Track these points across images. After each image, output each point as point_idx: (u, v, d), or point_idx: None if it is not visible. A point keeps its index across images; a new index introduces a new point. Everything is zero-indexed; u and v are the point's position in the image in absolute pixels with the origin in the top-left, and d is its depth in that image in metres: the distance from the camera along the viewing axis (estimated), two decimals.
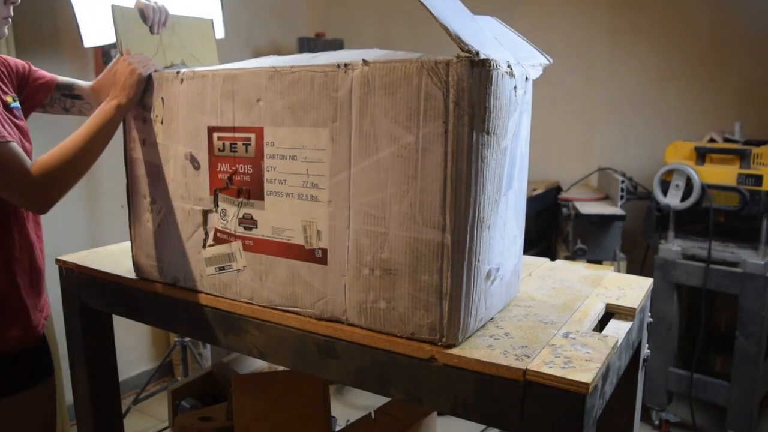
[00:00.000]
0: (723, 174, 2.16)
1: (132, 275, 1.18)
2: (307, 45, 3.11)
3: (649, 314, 1.13)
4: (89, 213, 2.52)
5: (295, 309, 0.96)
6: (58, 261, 1.29)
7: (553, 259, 1.26)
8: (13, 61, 1.29)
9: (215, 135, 1.01)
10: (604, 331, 0.93)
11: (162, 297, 1.12)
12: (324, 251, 0.91)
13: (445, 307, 0.81)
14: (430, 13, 0.74)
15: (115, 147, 1.17)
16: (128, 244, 1.20)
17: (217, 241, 1.03)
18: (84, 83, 1.36)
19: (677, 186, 2.24)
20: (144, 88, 1.10)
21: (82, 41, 1.96)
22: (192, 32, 1.33)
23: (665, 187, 2.28)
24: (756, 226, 2.16)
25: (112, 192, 2.54)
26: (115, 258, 1.29)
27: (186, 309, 1.09)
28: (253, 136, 0.96)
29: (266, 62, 0.98)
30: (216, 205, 1.03)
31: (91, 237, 2.51)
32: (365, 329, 0.89)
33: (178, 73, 1.04)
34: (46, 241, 1.31)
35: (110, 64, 1.24)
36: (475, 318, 0.86)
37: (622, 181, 2.42)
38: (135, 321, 1.22)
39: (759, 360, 2.15)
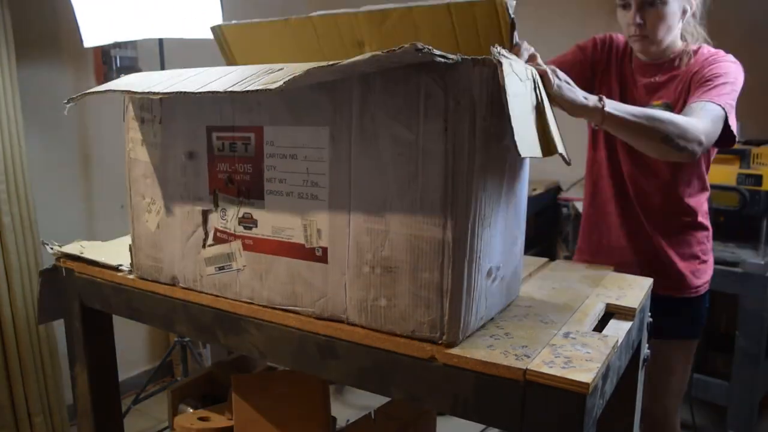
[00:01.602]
0: (723, 174, 2.16)
1: (132, 275, 1.17)
2: None
3: (649, 314, 1.13)
4: (88, 213, 2.52)
5: (295, 308, 0.96)
6: (58, 261, 1.29)
7: (553, 259, 1.26)
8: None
9: (214, 135, 1.01)
10: (604, 331, 0.93)
11: (162, 297, 1.12)
12: (324, 250, 0.91)
13: (446, 305, 0.81)
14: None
15: (113, 147, 1.17)
16: (127, 241, 1.20)
17: (217, 240, 1.03)
18: None
19: None
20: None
21: (82, 41, 1.96)
22: None
23: None
24: (756, 226, 2.16)
25: (112, 192, 2.54)
26: (115, 258, 1.28)
27: (186, 309, 1.09)
28: (252, 135, 0.96)
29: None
30: (216, 204, 1.03)
31: (90, 238, 2.50)
32: (365, 328, 0.89)
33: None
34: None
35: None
36: (476, 316, 0.86)
37: None
38: (135, 321, 1.22)
39: (759, 360, 2.15)
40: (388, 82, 0.81)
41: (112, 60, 2.47)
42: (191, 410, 1.37)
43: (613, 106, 1.07)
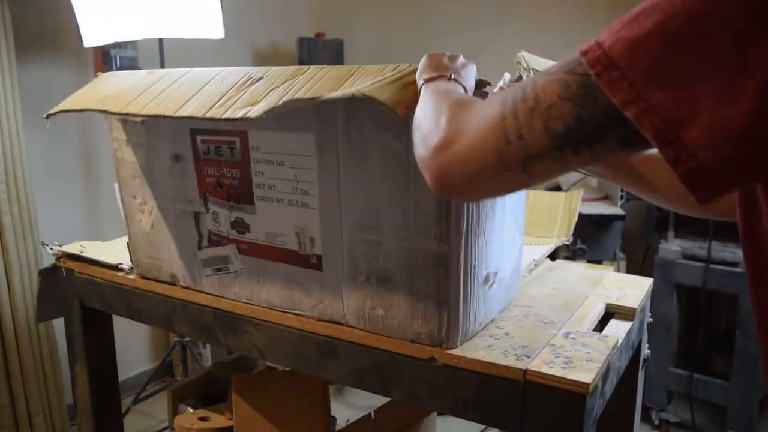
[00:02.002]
0: None
1: (131, 275, 1.17)
2: (307, 45, 3.11)
3: (649, 314, 1.13)
4: (88, 213, 2.52)
5: (294, 311, 0.95)
6: (58, 261, 1.29)
7: (553, 259, 1.26)
8: None
9: (198, 137, 0.99)
10: (605, 331, 0.93)
11: (162, 297, 1.12)
12: (318, 258, 0.90)
13: (444, 316, 0.81)
14: None
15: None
16: (126, 240, 1.20)
17: (212, 243, 1.02)
18: None
19: None
20: None
21: (82, 41, 1.95)
22: None
23: None
24: None
25: (112, 192, 2.53)
26: (115, 258, 1.29)
27: (185, 309, 1.09)
28: (237, 139, 0.94)
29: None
30: (206, 207, 1.01)
31: (90, 238, 2.50)
32: (365, 331, 0.88)
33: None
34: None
35: None
36: (475, 323, 0.86)
37: None
38: (135, 321, 1.22)
39: (759, 360, 2.15)
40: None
41: (112, 60, 2.46)
42: (191, 410, 1.37)
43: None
